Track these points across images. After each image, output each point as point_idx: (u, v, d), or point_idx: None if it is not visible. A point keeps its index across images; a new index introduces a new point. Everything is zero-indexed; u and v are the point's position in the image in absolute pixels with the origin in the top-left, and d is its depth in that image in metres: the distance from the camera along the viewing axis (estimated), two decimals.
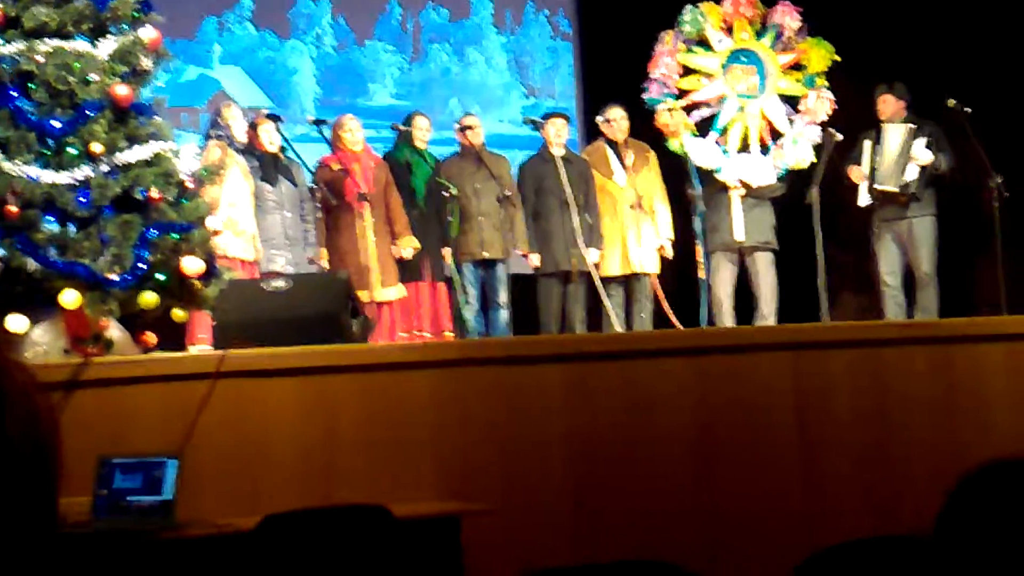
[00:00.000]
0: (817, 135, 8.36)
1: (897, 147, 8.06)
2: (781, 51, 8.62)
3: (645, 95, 8.35)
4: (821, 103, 8.49)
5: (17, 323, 4.93)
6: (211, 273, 5.29)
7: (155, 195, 5.06)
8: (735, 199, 8.23)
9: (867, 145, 8.15)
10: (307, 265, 7.47)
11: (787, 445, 5.32)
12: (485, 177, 7.69)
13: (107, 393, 4.57)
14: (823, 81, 8.55)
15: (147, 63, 5.29)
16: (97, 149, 5.01)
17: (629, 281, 8.11)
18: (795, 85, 8.60)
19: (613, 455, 5.09)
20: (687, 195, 8.10)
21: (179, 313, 5.32)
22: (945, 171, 8.04)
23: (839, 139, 8.07)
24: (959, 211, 8.28)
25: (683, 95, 8.45)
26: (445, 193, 7.54)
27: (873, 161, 8.10)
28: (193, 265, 5.10)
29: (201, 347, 6.40)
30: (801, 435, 5.36)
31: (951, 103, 7.64)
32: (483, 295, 7.86)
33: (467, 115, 8.31)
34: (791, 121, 8.53)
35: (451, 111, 9.48)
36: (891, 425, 5.47)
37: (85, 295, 4.90)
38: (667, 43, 8.40)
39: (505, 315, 7.75)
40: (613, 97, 8.39)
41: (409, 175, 7.78)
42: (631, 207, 7.99)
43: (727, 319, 8.12)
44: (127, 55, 5.20)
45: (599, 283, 7.80)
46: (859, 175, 8.15)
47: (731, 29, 8.57)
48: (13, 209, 4.89)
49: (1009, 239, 7.47)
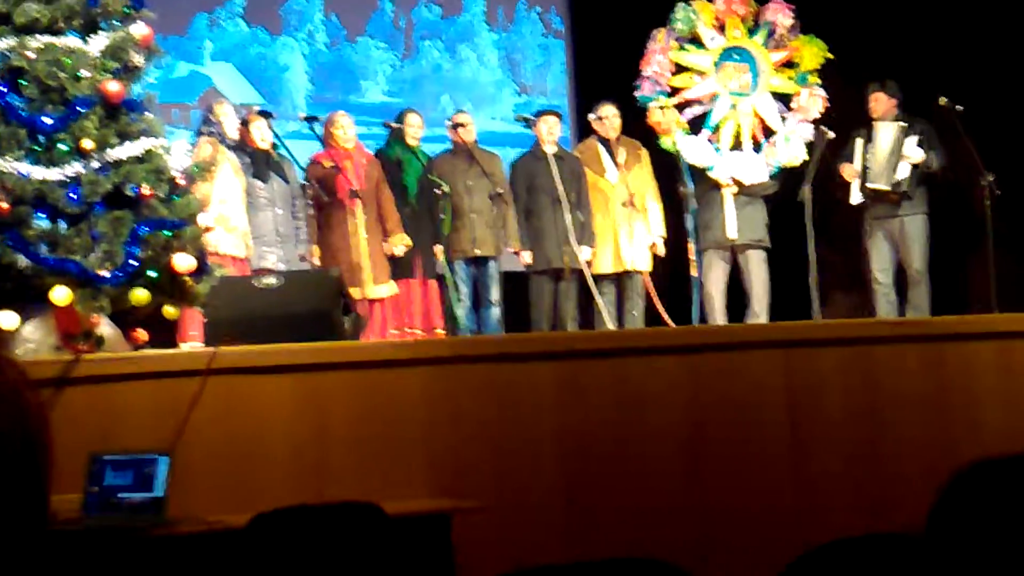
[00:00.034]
0: (810, 133, 8.37)
1: (888, 146, 8.07)
2: (773, 49, 8.62)
3: (637, 93, 8.36)
4: (814, 101, 8.49)
5: (7, 320, 4.91)
6: (202, 270, 5.27)
7: (146, 192, 5.05)
8: (728, 197, 8.24)
9: (859, 143, 8.16)
10: (298, 262, 7.46)
11: (778, 443, 5.33)
12: (477, 175, 7.68)
13: (98, 390, 4.56)
14: (816, 79, 8.56)
15: (138, 59, 5.27)
16: (88, 145, 4.99)
17: (621, 279, 8.11)
18: (787, 83, 8.61)
19: (605, 453, 5.09)
20: (679, 193, 8.10)
21: (170, 310, 5.31)
22: (936, 169, 8.05)
23: (831, 137, 8.08)
24: (951, 209, 8.29)
25: (675, 93, 8.45)
26: (437, 191, 7.54)
27: (865, 160, 8.12)
28: (184, 262, 5.09)
29: (192, 344, 6.38)
30: (792, 433, 5.37)
31: (942, 101, 7.65)
32: (475, 293, 7.85)
33: (459, 112, 8.31)
34: (783, 119, 8.54)
35: (443, 108, 9.47)
36: (882, 423, 5.48)
37: (76, 292, 4.88)
38: (659, 41, 8.40)
39: (497, 313, 7.74)
40: (605, 95, 8.39)
41: (401, 172, 7.77)
42: (623, 205, 7.99)
43: (719, 317, 8.13)
44: (118, 51, 5.18)
45: (591, 281, 7.80)
46: (851, 173, 8.15)
47: (723, 27, 8.57)
48: (4, 206, 4.87)
49: (1000, 237, 7.48)
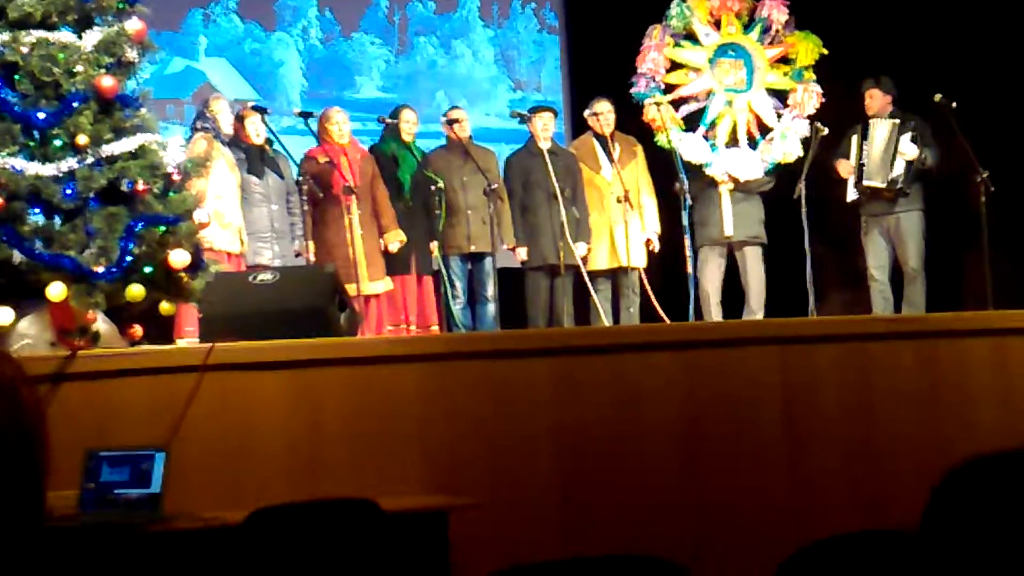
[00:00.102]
0: (805, 129, 8.38)
1: (883, 142, 8.08)
2: (769, 45, 8.62)
3: (633, 90, 8.36)
4: (809, 97, 8.50)
5: (3, 316, 4.91)
6: (198, 266, 5.26)
7: (141, 187, 5.04)
8: (724, 194, 8.24)
9: (854, 140, 8.16)
10: (294, 258, 7.46)
11: (774, 439, 5.33)
12: (472, 170, 7.67)
13: (94, 386, 4.55)
14: (811, 75, 8.56)
15: (132, 55, 5.26)
16: (82, 141, 4.98)
17: (617, 275, 8.11)
18: (783, 79, 8.61)
19: (600, 449, 5.09)
20: (675, 189, 8.10)
21: (166, 306, 5.30)
22: (931, 166, 8.06)
23: (825, 132, 8.09)
24: (946, 206, 8.30)
25: (670, 90, 8.45)
26: (432, 187, 7.53)
27: (860, 156, 8.12)
28: (180, 258, 5.08)
29: (188, 340, 6.38)
30: (788, 429, 5.37)
31: (937, 98, 7.65)
32: (470, 289, 7.85)
33: (454, 108, 8.30)
34: (779, 115, 8.54)
35: (438, 104, 9.47)
36: (877, 420, 5.48)
37: (71, 287, 4.88)
38: (654, 37, 8.40)
39: (492, 309, 7.74)
40: (600, 91, 8.39)
41: (395, 168, 7.76)
42: (618, 201, 7.98)
43: (714, 313, 8.13)
44: (112, 46, 5.17)
45: (587, 277, 7.80)
46: (847, 169, 8.16)
47: (719, 23, 8.57)
48: None
49: (995, 234, 7.48)
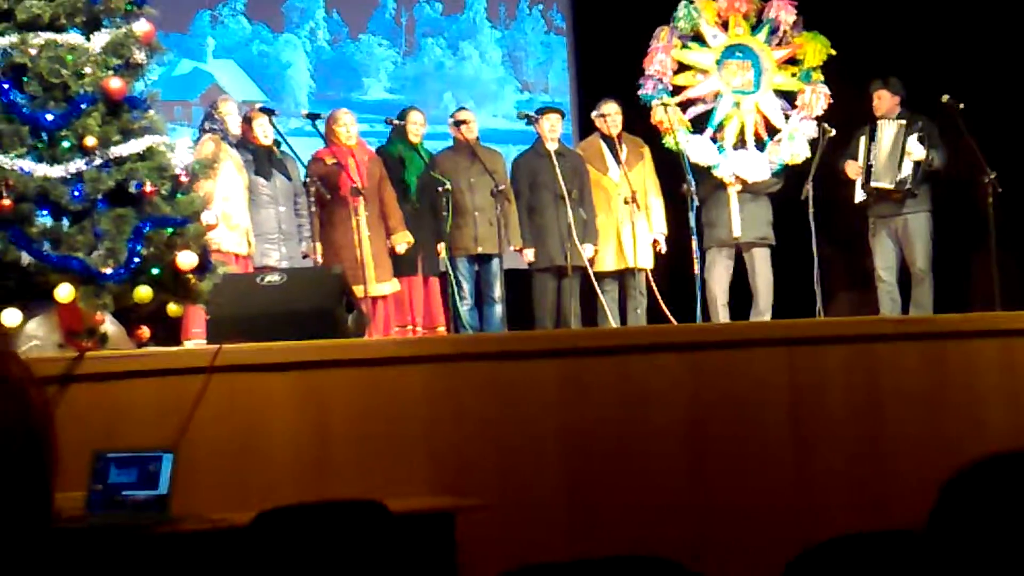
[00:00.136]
0: (813, 130, 8.37)
1: (891, 143, 8.07)
2: (776, 46, 8.61)
3: (640, 92, 8.35)
4: (817, 98, 8.49)
5: (11, 317, 4.92)
6: (205, 267, 5.27)
7: (149, 189, 5.05)
8: (732, 195, 8.24)
9: (862, 141, 8.16)
10: (301, 260, 7.46)
11: (781, 441, 5.32)
12: (479, 172, 7.68)
13: (102, 387, 4.56)
14: (819, 75, 8.55)
15: (140, 56, 5.27)
16: (91, 143, 4.99)
17: (624, 276, 8.11)
18: (791, 80, 8.60)
19: (607, 450, 5.09)
20: (682, 190, 8.10)
21: (174, 307, 5.31)
22: (938, 167, 8.05)
23: (832, 134, 8.09)
24: (954, 207, 8.28)
25: (678, 91, 8.44)
26: (439, 188, 7.53)
27: (868, 157, 8.11)
28: (187, 259, 5.09)
29: (196, 341, 6.39)
30: (794, 431, 5.36)
31: (945, 99, 7.64)
32: (477, 290, 7.85)
33: (461, 110, 8.30)
34: (787, 116, 8.53)
35: (445, 106, 9.47)
36: (885, 421, 5.47)
37: (79, 289, 4.89)
38: (662, 39, 8.40)
39: (499, 310, 7.74)
40: (607, 92, 8.39)
41: (402, 169, 7.77)
42: (625, 202, 7.98)
43: (721, 314, 8.13)
44: (120, 48, 5.18)
45: (594, 278, 7.80)
46: (854, 171, 8.15)
47: (726, 24, 8.56)
48: (6, 203, 4.87)
49: (1003, 235, 7.47)
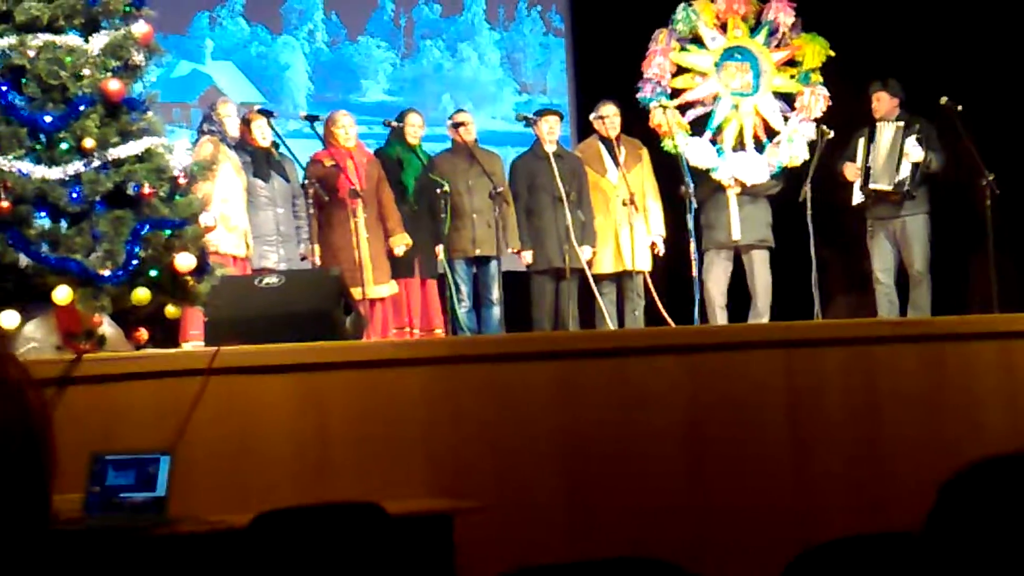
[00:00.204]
0: (812, 132, 8.37)
1: (889, 145, 8.07)
2: (775, 47, 8.61)
3: (639, 95, 8.35)
4: (816, 100, 8.49)
5: (9, 319, 4.91)
6: (203, 269, 5.27)
7: (147, 191, 5.05)
8: (732, 198, 8.24)
9: (861, 143, 8.16)
10: (299, 261, 7.46)
11: (779, 443, 5.33)
12: (478, 174, 7.67)
13: (100, 389, 4.56)
14: (818, 77, 8.55)
15: (139, 58, 5.27)
16: (89, 144, 4.99)
17: (622, 278, 8.11)
18: (790, 82, 8.60)
19: (605, 452, 5.09)
20: (680, 192, 8.10)
21: (172, 309, 5.31)
22: (936, 169, 8.05)
23: (831, 136, 8.09)
24: (952, 209, 8.29)
25: (677, 94, 8.44)
26: (438, 190, 7.53)
27: (867, 159, 8.12)
28: (186, 261, 5.09)
29: (194, 343, 6.39)
30: (793, 433, 5.36)
31: (943, 101, 7.64)
32: (475, 292, 7.85)
33: (459, 111, 8.30)
34: (786, 118, 8.53)
35: (444, 107, 9.47)
36: (883, 423, 5.48)
37: (77, 291, 4.89)
38: (660, 42, 8.40)
39: (497, 312, 7.74)
40: (606, 94, 8.39)
41: (400, 171, 7.77)
42: (623, 204, 7.98)
43: (719, 317, 8.13)
44: (119, 50, 5.18)
45: (592, 280, 7.80)
46: (853, 173, 8.15)
47: (725, 26, 8.56)
48: (5, 204, 4.87)
49: (1001, 237, 7.47)
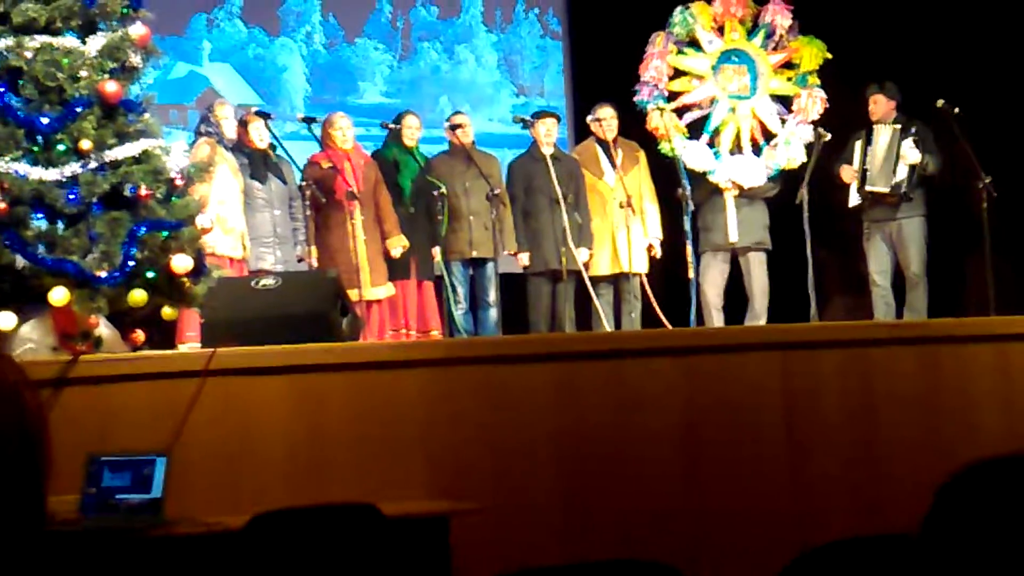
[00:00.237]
0: (810, 134, 8.38)
1: (885, 147, 8.08)
2: (772, 50, 8.62)
3: (636, 98, 8.36)
4: (813, 102, 8.50)
5: (5, 320, 4.91)
6: (200, 271, 5.27)
7: (144, 192, 5.05)
8: (729, 200, 8.24)
9: (858, 146, 8.17)
10: (296, 263, 7.46)
11: (775, 445, 5.33)
12: (475, 176, 7.68)
13: (96, 391, 4.56)
14: (815, 79, 8.56)
15: (136, 60, 5.27)
16: (86, 146, 4.99)
17: (618, 280, 8.12)
18: (787, 85, 8.61)
19: (602, 454, 5.09)
20: (677, 195, 8.10)
21: (168, 311, 5.31)
22: (933, 172, 8.06)
23: (828, 138, 8.10)
24: (948, 212, 8.30)
25: (674, 97, 8.45)
26: (435, 192, 7.53)
27: (864, 162, 8.12)
28: (182, 263, 5.09)
29: (190, 345, 6.39)
30: (789, 435, 5.37)
31: (940, 103, 7.65)
32: (472, 294, 7.85)
33: (457, 113, 8.30)
34: (783, 121, 8.54)
35: (441, 109, 9.47)
36: (879, 425, 5.48)
37: (74, 292, 4.89)
38: (657, 45, 8.41)
39: (494, 314, 7.74)
40: (603, 96, 8.39)
41: (397, 173, 7.77)
42: (620, 206, 7.99)
43: (715, 318, 8.13)
44: (116, 51, 5.18)
45: (588, 282, 7.81)
46: (850, 175, 8.16)
47: (722, 29, 8.57)
48: (1, 206, 4.87)
49: (998, 240, 7.48)
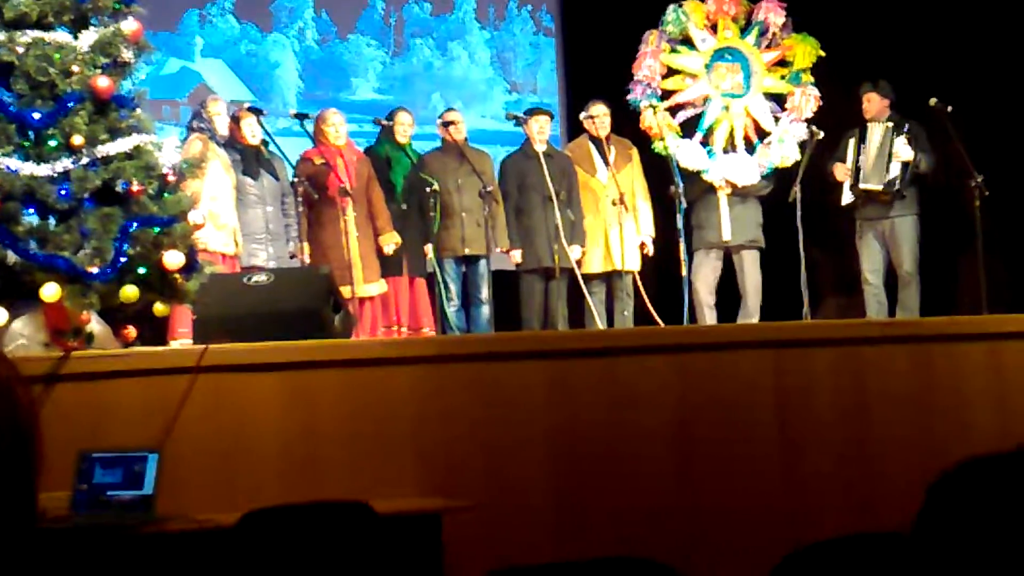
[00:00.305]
0: (803, 132, 8.38)
1: (878, 145, 8.09)
2: (766, 48, 8.62)
3: (629, 96, 8.35)
4: (807, 100, 8.50)
5: None
6: (192, 267, 5.26)
7: (136, 188, 5.04)
8: (722, 199, 8.24)
9: (851, 144, 8.17)
10: (288, 260, 7.45)
11: (768, 443, 5.33)
12: (467, 173, 7.67)
13: (87, 387, 4.55)
14: (808, 78, 8.56)
15: (128, 55, 5.26)
16: (78, 141, 4.98)
17: (611, 278, 8.11)
18: (780, 83, 8.61)
19: (594, 452, 5.09)
20: (670, 192, 8.10)
21: (160, 307, 5.30)
22: (925, 170, 8.07)
23: (820, 136, 8.10)
24: (941, 210, 8.31)
25: (667, 96, 8.44)
26: (427, 189, 7.53)
27: (857, 160, 8.13)
28: (174, 259, 5.08)
29: (182, 341, 6.37)
30: (782, 433, 5.37)
31: (933, 102, 7.66)
32: (464, 291, 7.85)
33: (449, 110, 8.30)
34: (776, 119, 8.54)
35: (434, 106, 9.46)
36: (871, 423, 5.49)
37: (65, 288, 4.88)
38: (650, 43, 8.40)
39: (487, 311, 7.74)
40: (596, 93, 8.39)
41: (389, 170, 7.76)
42: (613, 204, 7.99)
43: (708, 316, 8.13)
44: (108, 47, 5.17)
45: (581, 280, 7.80)
46: (843, 173, 8.17)
47: (715, 27, 8.57)
48: None
49: (990, 238, 7.49)
